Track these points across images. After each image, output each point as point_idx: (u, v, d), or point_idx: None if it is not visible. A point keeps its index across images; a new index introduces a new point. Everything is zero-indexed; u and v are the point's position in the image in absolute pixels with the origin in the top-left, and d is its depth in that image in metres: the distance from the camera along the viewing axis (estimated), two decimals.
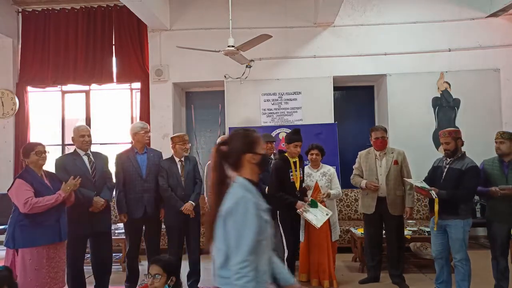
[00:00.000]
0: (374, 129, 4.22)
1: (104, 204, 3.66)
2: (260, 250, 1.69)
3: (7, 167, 6.62)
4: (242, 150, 1.79)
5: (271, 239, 1.79)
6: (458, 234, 3.47)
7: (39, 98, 7.05)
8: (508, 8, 5.93)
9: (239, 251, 1.64)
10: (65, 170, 3.53)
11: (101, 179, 3.70)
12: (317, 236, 4.12)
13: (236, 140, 1.82)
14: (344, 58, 6.37)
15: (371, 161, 4.16)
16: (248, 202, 1.68)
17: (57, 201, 3.12)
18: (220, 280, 1.73)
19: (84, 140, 3.67)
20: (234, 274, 1.63)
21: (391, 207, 4.01)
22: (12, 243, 3.05)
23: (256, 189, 1.79)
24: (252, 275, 1.63)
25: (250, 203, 1.68)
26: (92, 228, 3.61)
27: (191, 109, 6.92)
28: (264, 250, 1.73)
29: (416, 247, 4.97)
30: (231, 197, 1.72)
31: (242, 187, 1.75)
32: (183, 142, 4.09)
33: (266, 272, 1.77)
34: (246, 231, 1.64)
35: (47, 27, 6.77)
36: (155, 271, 2.32)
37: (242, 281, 1.61)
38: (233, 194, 1.73)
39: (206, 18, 6.47)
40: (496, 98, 6.18)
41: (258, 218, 1.68)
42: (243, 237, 1.64)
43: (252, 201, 1.70)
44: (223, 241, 1.71)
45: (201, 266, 4.23)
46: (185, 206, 3.93)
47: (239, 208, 1.67)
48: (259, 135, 1.87)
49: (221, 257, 1.72)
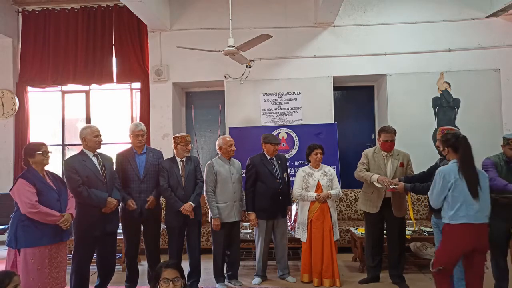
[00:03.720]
0: (384, 131, 4.04)
1: (117, 205, 3.68)
2: None
3: (7, 167, 6.63)
4: None
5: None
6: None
7: (39, 98, 7.06)
8: (508, 8, 5.93)
9: None
10: (76, 171, 3.50)
11: (110, 180, 3.70)
12: (321, 235, 4.13)
13: None
14: (344, 58, 6.37)
15: (380, 161, 4.06)
16: None
17: (54, 222, 3.12)
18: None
19: (97, 140, 3.66)
20: None
21: (395, 209, 3.96)
22: (14, 243, 3.05)
23: None
24: None
25: None
26: (105, 229, 3.62)
27: (191, 109, 6.92)
28: None
29: (416, 247, 4.97)
30: None
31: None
32: (185, 143, 4.10)
33: None
34: None
35: (47, 27, 6.78)
36: (174, 274, 2.21)
37: None
38: None
39: (206, 18, 6.48)
40: (496, 98, 6.19)
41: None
42: None
43: None
44: None
45: (201, 266, 4.23)
46: (184, 207, 3.93)
47: None
48: None
49: None
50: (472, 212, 2.89)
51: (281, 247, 4.41)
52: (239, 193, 4.31)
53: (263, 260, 4.39)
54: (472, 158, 2.99)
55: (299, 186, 4.27)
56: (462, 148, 2.99)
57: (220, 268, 4.25)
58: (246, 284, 4.32)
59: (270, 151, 4.34)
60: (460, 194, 2.92)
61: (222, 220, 4.14)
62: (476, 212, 2.90)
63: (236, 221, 4.27)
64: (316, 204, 4.17)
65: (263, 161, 4.34)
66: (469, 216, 2.89)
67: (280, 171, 4.37)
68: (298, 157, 6.02)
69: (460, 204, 2.91)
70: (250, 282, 4.36)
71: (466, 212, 2.89)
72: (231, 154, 4.31)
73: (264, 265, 4.43)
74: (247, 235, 4.99)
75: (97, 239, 3.61)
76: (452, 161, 3.06)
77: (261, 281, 4.35)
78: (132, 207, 3.87)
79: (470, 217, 2.89)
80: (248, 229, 5.13)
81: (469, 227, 2.89)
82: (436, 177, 3.05)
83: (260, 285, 4.30)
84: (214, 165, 4.22)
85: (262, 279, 4.38)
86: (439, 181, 2.99)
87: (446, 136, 3.14)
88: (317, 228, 4.15)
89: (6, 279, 2.24)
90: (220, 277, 4.26)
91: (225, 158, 4.29)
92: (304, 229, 4.24)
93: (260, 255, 4.36)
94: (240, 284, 4.30)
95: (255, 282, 4.32)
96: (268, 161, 4.35)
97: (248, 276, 4.54)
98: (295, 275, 4.41)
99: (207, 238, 5.45)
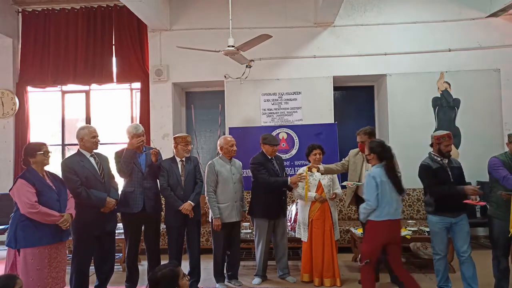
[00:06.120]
0: (358, 132, 4.21)
1: (115, 204, 3.69)
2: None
3: (7, 167, 6.63)
4: None
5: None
6: (467, 227, 3.60)
7: (39, 98, 7.06)
8: (508, 8, 5.94)
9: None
10: (74, 172, 3.50)
11: (108, 180, 3.71)
12: (321, 235, 4.14)
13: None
14: (344, 58, 6.38)
15: (358, 162, 4.17)
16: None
17: (53, 222, 3.11)
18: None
19: (95, 140, 3.66)
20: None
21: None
22: (14, 243, 3.04)
23: None
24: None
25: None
26: (104, 228, 3.63)
27: (191, 109, 6.92)
28: None
29: (416, 247, 4.97)
30: None
31: None
32: (186, 143, 4.10)
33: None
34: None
35: (47, 27, 6.78)
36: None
37: None
38: None
39: (206, 18, 6.48)
40: (496, 98, 6.19)
41: None
42: None
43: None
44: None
45: (201, 266, 4.23)
46: (184, 206, 3.93)
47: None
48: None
49: None
50: (392, 210, 3.36)
51: (281, 247, 4.41)
52: (240, 193, 4.31)
53: (263, 260, 4.39)
54: (394, 164, 3.53)
55: (299, 186, 4.27)
56: (389, 156, 3.46)
57: (220, 268, 4.25)
58: (246, 284, 4.32)
59: (269, 152, 4.35)
60: (384, 194, 3.35)
61: (223, 220, 4.13)
62: (395, 209, 3.38)
63: (236, 221, 4.27)
64: (317, 204, 4.17)
65: (266, 160, 4.34)
66: (391, 213, 3.35)
67: (280, 171, 4.38)
68: (298, 157, 6.02)
69: (385, 203, 3.34)
70: (250, 282, 4.36)
71: (389, 210, 3.34)
72: (232, 154, 4.30)
73: (264, 265, 4.42)
74: (247, 235, 4.98)
75: (96, 238, 3.61)
76: (376, 165, 3.47)
77: (261, 281, 4.35)
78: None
79: (391, 215, 3.35)
80: (248, 229, 5.13)
81: (389, 223, 3.36)
82: (367, 179, 3.44)
83: (260, 285, 4.30)
84: (215, 165, 4.22)
85: (262, 279, 4.38)
86: (371, 182, 3.38)
87: (373, 144, 3.54)
88: (318, 227, 4.15)
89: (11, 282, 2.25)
90: (220, 277, 4.26)
91: (226, 158, 4.29)
92: (305, 229, 4.24)
93: (260, 255, 4.36)
94: (240, 284, 4.30)
95: (255, 282, 4.32)
96: (270, 161, 4.36)
97: (248, 276, 4.54)
98: (295, 275, 4.41)
99: (207, 238, 5.44)
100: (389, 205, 3.34)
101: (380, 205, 3.34)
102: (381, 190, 3.34)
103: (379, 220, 3.35)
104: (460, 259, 3.61)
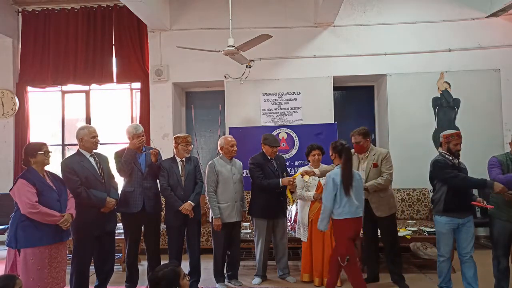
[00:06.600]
0: (352, 133, 4.18)
1: (115, 204, 3.70)
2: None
3: (7, 167, 6.63)
4: None
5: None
6: (473, 229, 3.64)
7: (39, 98, 7.06)
8: (508, 8, 5.93)
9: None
10: (75, 172, 3.50)
11: (108, 180, 3.71)
12: (321, 235, 4.13)
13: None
14: (344, 58, 6.37)
15: (354, 163, 4.11)
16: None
17: (54, 222, 3.11)
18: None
19: (95, 141, 3.67)
20: None
21: (376, 210, 4.00)
22: (14, 243, 3.04)
23: None
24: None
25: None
26: (104, 228, 3.64)
27: (191, 109, 6.92)
28: None
29: (416, 247, 4.97)
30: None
31: None
32: (186, 143, 4.10)
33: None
34: None
35: (47, 27, 6.78)
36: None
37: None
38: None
39: (206, 18, 6.48)
40: (496, 98, 6.19)
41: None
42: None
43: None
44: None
45: (201, 266, 4.23)
46: (184, 206, 3.94)
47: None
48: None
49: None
50: (353, 208, 3.48)
51: (281, 247, 4.41)
52: (240, 193, 4.31)
53: (263, 260, 4.39)
54: (350, 163, 3.59)
55: (299, 186, 4.28)
56: (345, 155, 3.55)
57: (220, 268, 4.25)
58: (246, 284, 4.32)
59: (268, 152, 4.35)
60: (343, 194, 3.46)
61: (223, 220, 4.13)
62: (356, 208, 3.50)
63: (237, 221, 4.27)
64: (317, 203, 4.17)
65: (265, 161, 4.34)
66: (351, 212, 3.48)
67: (279, 171, 4.38)
68: (298, 157, 6.02)
69: (345, 202, 3.46)
70: (250, 282, 4.36)
71: (349, 209, 3.47)
72: (232, 154, 4.31)
73: (264, 265, 4.43)
74: (247, 235, 4.98)
75: (96, 238, 3.61)
76: (338, 165, 3.59)
77: (261, 281, 4.35)
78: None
79: (352, 213, 3.48)
80: (248, 229, 5.13)
81: (351, 221, 3.48)
82: (327, 180, 3.56)
83: (260, 285, 4.30)
84: (216, 165, 4.22)
85: (262, 279, 4.38)
86: (330, 183, 3.50)
87: (336, 144, 3.68)
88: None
89: (11, 283, 2.25)
90: (220, 277, 4.26)
91: (227, 158, 4.29)
92: (305, 229, 4.25)
93: (260, 254, 4.36)
94: (240, 284, 4.30)
95: (255, 282, 4.32)
96: (269, 161, 4.36)
97: (248, 276, 4.54)
98: (295, 275, 4.42)
99: (207, 238, 5.44)
100: (350, 203, 3.46)
101: (340, 204, 3.46)
102: (340, 189, 3.46)
103: (341, 219, 3.48)
104: (462, 259, 3.61)
